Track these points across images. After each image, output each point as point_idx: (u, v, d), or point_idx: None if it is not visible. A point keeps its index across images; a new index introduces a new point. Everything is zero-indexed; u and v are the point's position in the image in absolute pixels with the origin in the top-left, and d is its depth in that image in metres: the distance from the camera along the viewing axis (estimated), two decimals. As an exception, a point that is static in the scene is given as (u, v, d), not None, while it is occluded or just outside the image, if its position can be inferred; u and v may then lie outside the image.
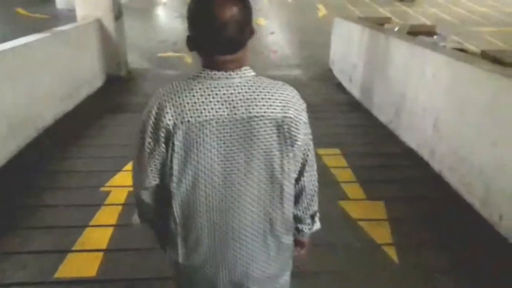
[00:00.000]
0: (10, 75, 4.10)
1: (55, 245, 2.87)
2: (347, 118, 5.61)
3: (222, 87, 1.23)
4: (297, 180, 1.39)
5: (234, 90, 1.24)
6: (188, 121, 1.21)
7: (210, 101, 1.22)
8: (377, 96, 5.57)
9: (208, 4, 1.17)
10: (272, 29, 11.12)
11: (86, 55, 6.36)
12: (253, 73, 1.28)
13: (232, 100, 1.23)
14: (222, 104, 1.22)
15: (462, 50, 5.67)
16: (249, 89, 1.25)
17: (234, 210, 1.30)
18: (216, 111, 1.22)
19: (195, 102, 1.22)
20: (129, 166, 3.98)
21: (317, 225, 1.55)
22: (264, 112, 1.24)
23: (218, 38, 1.19)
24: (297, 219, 1.49)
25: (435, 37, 6.68)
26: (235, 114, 1.23)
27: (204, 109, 1.22)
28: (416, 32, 6.65)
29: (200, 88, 1.23)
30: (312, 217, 1.52)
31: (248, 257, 1.35)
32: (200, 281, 1.40)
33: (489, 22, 12.03)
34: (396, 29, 6.93)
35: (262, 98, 1.25)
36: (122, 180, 3.72)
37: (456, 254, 2.87)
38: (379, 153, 4.53)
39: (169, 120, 1.22)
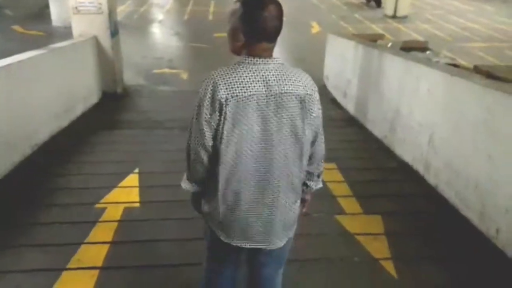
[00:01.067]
0: (4, 92, 4.10)
1: (50, 263, 2.83)
2: (342, 133, 5.63)
3: (261, 70, 1.63)
4: (312, 143, 1.80)
5: (270, 72, 1.64)
6: (237, 95, 1.59)
7: (253, 81, 1.61)
8: (372, 111, 5.61)
9: (260, 4, 1.60)
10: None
11: (82, 72, 6.37)
12: (281, 61, 1.68)
13: (269, 80, 1.63)
14: (261, 83, 1.62)
15: (455, 65, 5.73)
16: (280, 72, 1.65)
17: (268, 164, 1.68)
18: (257, 88, 1.61)
19: (241, 81, 1.60)
20: (124, 182, 3.97)
21: (320, 184, 1.97)
22: (292, 90, 1.65)
23: (270, 27, 1.62)
24: (308, 175, 1.89)
25: (428, 52, 6.75)
26: (271, 90, 1.62)
27: (248, 86, 1.60)
28: (409, 48, 6.72)
29: (244, 71, 1.62)
30: (318, 175, 1.95)
31: (276, 201, 1.73)
32: (235, 226, 1.75)
33: (480, 38, 12.21)
34: (389, 45, 7.00)
35: (290, 79, 1.66)
36: (117, 197, 3.69)
37: (455, 269, 2.86)
38: (375, 167, 4.55)
39: (222, 94, 1.59)
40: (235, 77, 1.61)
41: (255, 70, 1.63)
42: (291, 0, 18.00)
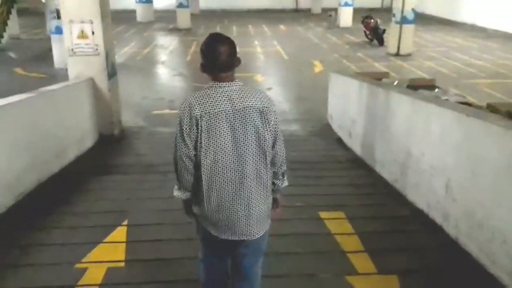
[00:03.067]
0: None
1: None
2: (349, 176, 5.27)
3: (226, 91, 2.10)
4: (273, 147, 2.20)
5: (233, 92, 2.10)
6: (209, 112, 2.05)
7: (220, 100, 2.07)
8: (380, 153, 5.27)
9: (212, 45, 2.11)
10: (269, 85, 11.04)
11: (75, 115, 6.11)
12: (241, 83, 2.16)
13: (233, 98, 2.09)
14: (227, 101, 2.08)
15: (465, 103, 5.42)
16: (241, 91, 2.12)
17: (241, 166, 2.10)
18: (224, 105, 2.07)
19: (211, 101, 2.07)
20: (110, 237, 3.60)
21: (286, 183, 2.41)
22: (252, 104, 2.11)
23: (220, 62, 2.10)
24: (274, 175, 2.29)
25: (436, 90, 6.48)
26: (235, 106, 2.08)
27: (217, 104, 2.06)
28: (415, 86, 6.45)
29: (213, 93, 2.10)
30: (283, 174, 2.36)
31: (250, 198, 2.13)
32: (220, 222, 2.14)
33: (486, 74, 11.98)
34: (395, 83, 6.74)
35: (249, 96, 2.12)
36: (101, 255, 3.33)
37: None
38: (386, 216, 4.16)
39: (197, 112, 2.05)
40: (206, 98, 2.09)
41: (221, 92, 2.10)
42: (293, 39, 18.15)
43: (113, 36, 7.57)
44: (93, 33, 6.38)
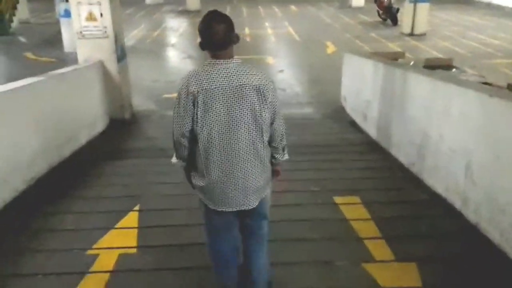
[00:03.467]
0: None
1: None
2: (364, 160, 5.14)
3: (223, 68, 2.12)
4: (271, 124, 2.26)
5: (230, 70, 2.13)
6: (205, 88, 2.09)
7: (217, 77, 2.11)
8: (396, 135, 5.12)
9: (208, 23, 2.11)
10: (280, 67, 10.87)
11: (86, 98, 6.05)
12: (240, 61, 2.18)
13: (230, 75, 2.12)
14: (224, 78, 2.11)
15: (486, 83, 5.23)
16: (238, 69, 2.14)
17: (235, 141, 2.15)
18: (221, 82, 2.10)
19: (208, 77, 2.11)
20: (121, 222, 3.55)
21: (286, 156, 2.46)
22: (248, 81, 2.13)
23: (215, 40, 2.11)
24: (274, 150, 2.37)
25: (453, 70, 6.28)
26: (232, 83, 2.11)
27: (214, 81, 2.10)
28: (432, 66, 6.26)
29: (210, 69, 2.13)
30: (283, 149, 2.42)
31: (246, 171, 2.19)
32: (217, 194, 2.23)
33: (503, 54, 11.65)
34: (411, 63, 6.56)
35: (247, 74, 2.15)
36: (113, 241, 3.27)
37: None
38: (403, 200, 4.04)
39: (194, 88, 2.10)
40: (203, 74, 2.14)
41: (218, 69, 2.13)
42: (304, 20, 17.84)
43: (122, 19, 7.45)
44: (101, 15, 6.28)
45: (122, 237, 3.34)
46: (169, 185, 4.34)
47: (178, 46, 13.87)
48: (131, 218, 3.65)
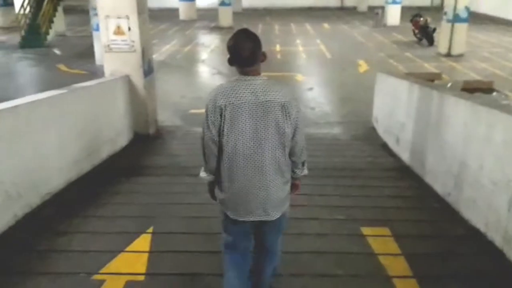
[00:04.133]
0: (8, 136, 3.67)
1: None
2: (396, 187, 4.81)
3: (250, 84, 2.25)
4: (292, 138, 2.34)
5: (257, 86, 2.25)
6: (232, 103, 2.23)
7: (244, 92, 2.24)
8: (431, 162, 4.78)
9: (236, 41, 2.26)
10: (310, 85, 10.64)
11: (110, 113, 5.97)
12: (266, 78, 2.30)
13: (256, 91, 2.24)
14: (250, 94, 2.24)
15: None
16: (265, 85, 2.27)
17: (259, 154, 2.27)
18: (248, 98, 2.23)
19: (235, 93, 2.24)
20: (133, 245, 3.36)
21: (305, 171, 2.54)
22: (274, 98, 2.25)
23: (243, 57, 2.25)
24: (293, 164, 2.44)
25: (494, 93, 5.90)
26: (258, 99, 2.24)
27: (241, 96, 2.23)
28: (471, 89, 5.89)
29: (238, 85, 2.26)
30: (303, 164, 2.50)
31: (268, 183, 2.30)
32: (239, 205, 2.34)
33: (546, 77, 11.09)
34: (448, 85, 6.20)
35: (273, 91, 2.26)
36: (121, 265, 3.08)
37: None
38: (437, 234, 3.69)
39: (221, 102, 2.24)
40: (231, 89, 2.25)
41: (246, 85, 2.24)
42: (337, 38, 17.60)
43: (151, 33, 7.44)
44: (129, 29, 6.23)
45: (131, 261, 3.14)
46: (187, 206, 4.15)
47: (208, 62, 13.86)
48: (143, 241, 3.45)
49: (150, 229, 3.60)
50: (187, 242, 3.50)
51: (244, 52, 2.21)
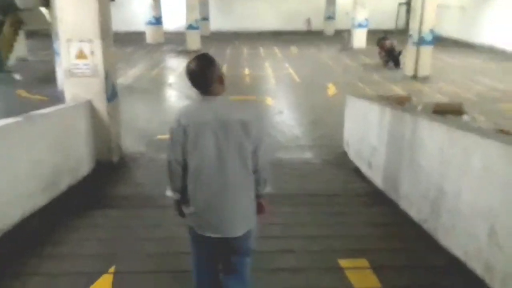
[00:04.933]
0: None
1: None
2: (370, 214, 4.66)
3: (211, 104, 2.41)
4: (253, 154, 2.45)
5: (218, 105, 2.41)
6: (195, 122, 2.36)
7: (205, 112, 2.39)
8: (405, 187, 4.66)
9: (189, 66, 2.42)
10: (280, 108, 10.54)
11: (70, 140, 5.62)
12: (227, 97, 2.48)
13: (217, 110, 2.39)
14: (212, 113, 2.38)
15: (501, 131, 4.84)
16: (226, 105, 2.45)
17: (222, 171, 2.37)
18: (209, 117, 2.37)
19: (197, 113, 2.41)
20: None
21: (268, 189, 2.61)
22: (234, 117, 2.39)
23: (197, 82, 2.42)
24: (256, 182, 2.52)
25: (464, 116, 5.91)
26: (219, 118, 2.37)
27: (203, 115, 2.38)
28: (442, 111, 5.90)
29: (200, 105, 2.44)
30: (265, 181, 2.57)
31: (233, 200, 2.41)
32: (205, 220, 2.43)
33: (510, 98, 11.38)
34: (419, 108, 6.19)
35: (233, 110, 2.44)
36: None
37: None
38: (417, 265, 3.54)
39: (185, 122, 2.37)
40: (193, 109, 2.43)
41: (206, 104, 2.40)
42: (305, 62, 17.73)
43: (116, 57, 7.15)
44: (92, 53, 5.96)
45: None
46: (153, 241, 3.85)
47: (175, 86, 13.62)
48: (105, 283, 3.15)
49: (112, 269, 3.29)
50: (153, 282, 3.21)
51: (197, 75, 2.37)
